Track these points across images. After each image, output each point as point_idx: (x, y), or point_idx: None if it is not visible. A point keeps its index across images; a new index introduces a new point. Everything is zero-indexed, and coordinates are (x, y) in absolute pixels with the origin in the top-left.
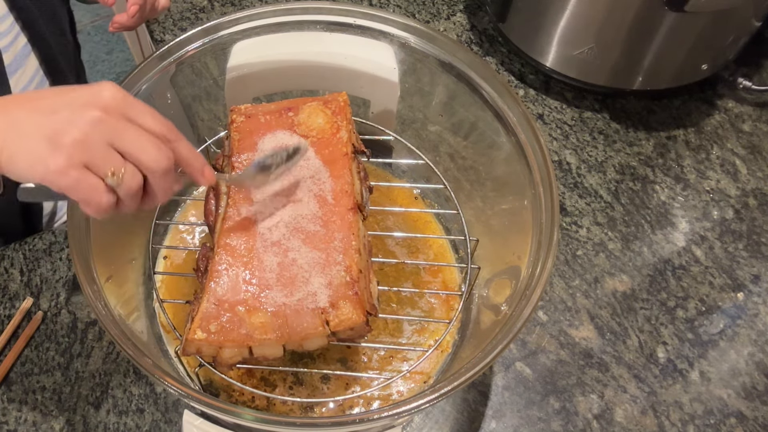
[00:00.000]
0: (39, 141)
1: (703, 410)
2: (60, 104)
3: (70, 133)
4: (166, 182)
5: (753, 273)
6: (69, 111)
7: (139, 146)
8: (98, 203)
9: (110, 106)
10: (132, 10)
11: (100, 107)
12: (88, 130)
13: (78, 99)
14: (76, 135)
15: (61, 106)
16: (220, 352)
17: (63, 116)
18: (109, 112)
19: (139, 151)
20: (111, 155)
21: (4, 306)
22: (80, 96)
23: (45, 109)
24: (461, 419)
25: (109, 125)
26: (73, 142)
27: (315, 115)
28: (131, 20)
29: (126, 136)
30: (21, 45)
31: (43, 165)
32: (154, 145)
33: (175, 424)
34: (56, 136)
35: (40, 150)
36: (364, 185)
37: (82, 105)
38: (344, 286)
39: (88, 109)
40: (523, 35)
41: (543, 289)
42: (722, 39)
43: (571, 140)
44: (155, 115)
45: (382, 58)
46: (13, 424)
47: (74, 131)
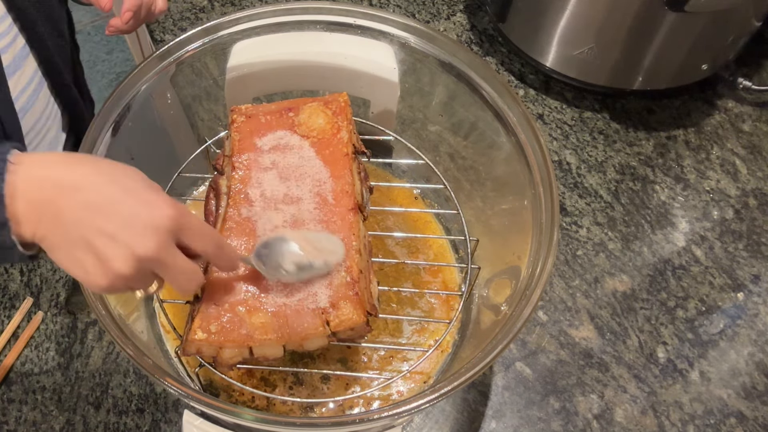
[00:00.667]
0: (89, 256)
1: (703, 410)
2: (116, 223)
3: (121, 266)
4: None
5: (753, 273)
6: (124, 237)
7: (175, 279)
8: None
9: (163, 237)
10: (126, 16)
11: (156, 240)
12: (137, 266)
13: (133, 220)
14: (125, 270)
15: (117, 228)
16: (220, 352)
17: (117, 243)
18: (162, 246)
19: (174, 282)
20: (149, 280)
21: (4, 306)
22: (136, 216)
23: (99, 211)
24: (461, 419)
25: (158, 260)
26: (121, 275)
27: (315, 115)
28: (126, 26)
29: (169, 270)
30: (20, 46)
31: (87, 280)
32: (188, 279)
33: (175, 424)
34: (107, 261)
35: (88, 266)
36: (364, 185)
37: (137, 233)
38: (344, 286)
39: (143, 238)
40: (523, 35)
41: (543, 289)
42: (722, 39)
43: (571, 140)
44: (203, 234)
45: (382, 58)
46: (13, 424)
47: (125, 266)
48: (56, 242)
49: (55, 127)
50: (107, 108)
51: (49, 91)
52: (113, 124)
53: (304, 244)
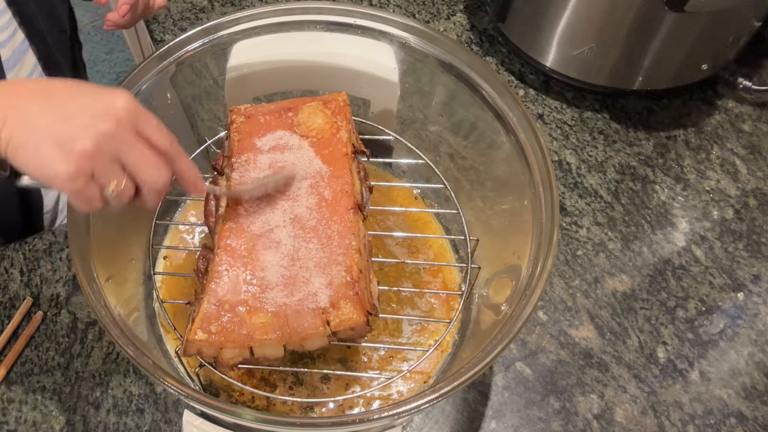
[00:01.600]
0: (50, 144)
1: (703, 410)
2: (75, 108)
3: (82, 143)
4: (157, 198)
5: (753, 273)
6: (83, 118)
7: (142, 164)
8: (91, 206)
9: (123, 118)
10: (122, 9)
11: (114, 119)
12: (99, 142)
13: (93, 105)
14: (87, 146)
15: (76, 111)
16: (220, 352)
17: (77, 123)
18: (121, 125)
19: (141, 169)
20: (115, 168)
21: (4, 306)
22: (95, 102)
23: (59, 109)
24: (461, 419)
25: (119, 140)
26: (83, 153)
27: (315, 115)
28: (122, 19)
29: (132, 152)
30: (19, 40)
31: (52, 169)
32: (155, 164)
33: (175, 424)
34: (68, 142)
35: (50, 153)
36: (364, 185)
37: (96, 114)
38: (345, 286)
39: (102, 119)
40: (523, 35)
41: (543, 289)
42: (722, 39)
43: (571, 140)
44: (162, 129)
45: (382, 58)
46: (13, 424)
47: (87, 142)
48: (21, 139)
49: None
50: None
51: None
52: None
53: None
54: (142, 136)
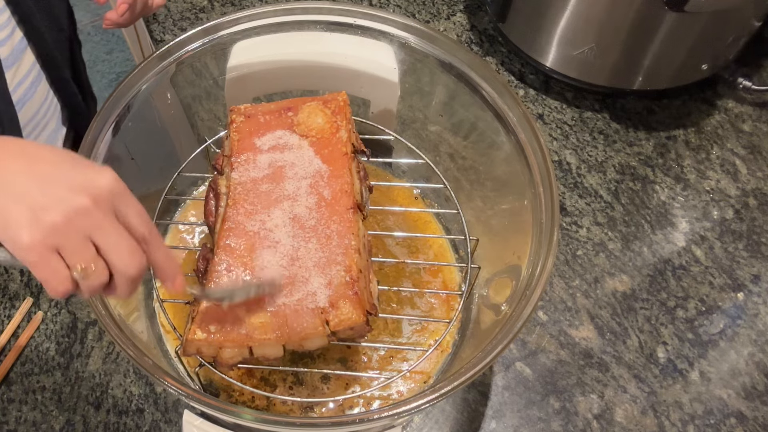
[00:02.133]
0: (21, 208)
1: (703, 410)
2: (55, 177)
3: (54, 214)
4: (132, 286)
5: (753, 273)
6: (61, 189)
7: (116, 248)
8: (55, 288)
9: (103, 196)
10: (121, 8)
11: (92, 196)
12: (71, 217)
13: (74, 178)
14: (58, 218)
15: (55, 180)
16: (220, 352)
17: (53, 192)
18: (99, 204)
19: (114, 253)
20: (86, 248)
21: (4, 306)
22: (77, 175)
23: (39, 174)
24: (461, 419)
25: (94, 219)
26: (53, 224)
27: (314, 114)
28: (121, 18)
29: (106, 233)
30: (18, 39)
31: (16, 234)
32: (130, 250)
33: (175, 424)
34: (40, 210)
35: (18, 218)
36: (363, 185)
37: (75, 187)
38: (344, 285)
39: (80, 194)
40: (523, 35)
41: (543, 289)
42: (722, 39)
43: (571, 140)
44: (143, 214)
45: (382, 58)
46: (13, 424)
47: (59, 213)
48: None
49: (55, 120)
50: (107, 108)
51: (48, 85)
52: (113, 124)
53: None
54: (121, 220)
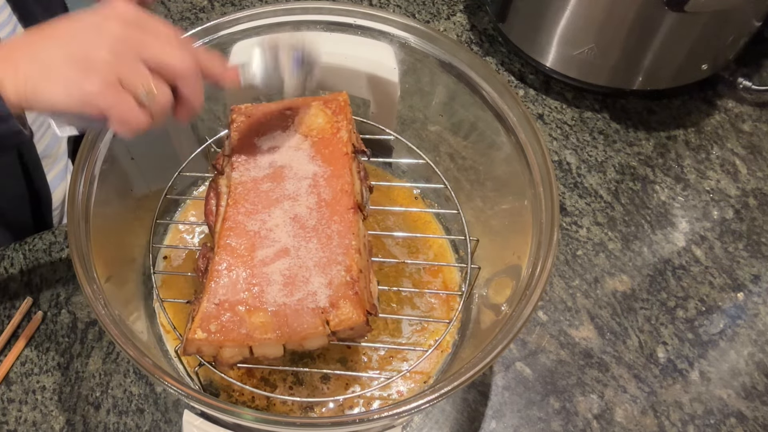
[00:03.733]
0: (68, 67)
1: (703, 410)
2: (77, 29)
3: (99, 53)
4: (197, 85)
5: (753, 273)
6: (90, 32)
7: (166, 52)
8: (135, 121)
9: (127, 19)
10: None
11: (119, 21)
12: (114, 47)
13: (94, 19)
14: (104, 54)
15: (80, 30)
16: (220, 351)
17: (86, 38)
18: (128, 24)
19: (166, 57)
20: (141, 69)
21: (4, 306)
22: (95, 15)
23: (63, 36)
24: (461, 419)
25: (133, 38)
26: (103, 62)
27: (315, 114)
28: None
29: (150, 44)
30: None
31: (80, 89)
32: (178, 48)
33: (175, 424)
34: (85, 58)
35: (72, 75)
36: (364, 185)
37: (100, 24)
38: (344, 285)
39: (107, 25)
40: (523, 35)
41: (543, 289)
42: (722, 39)
43: (571, 140)
44: (167, 23)
45: (382, 58)
46: (13, 424)
47: (102, 50)
48: (37, 77)
49: None
50: None
51: None
52: None
53: None
54: (152, 32)
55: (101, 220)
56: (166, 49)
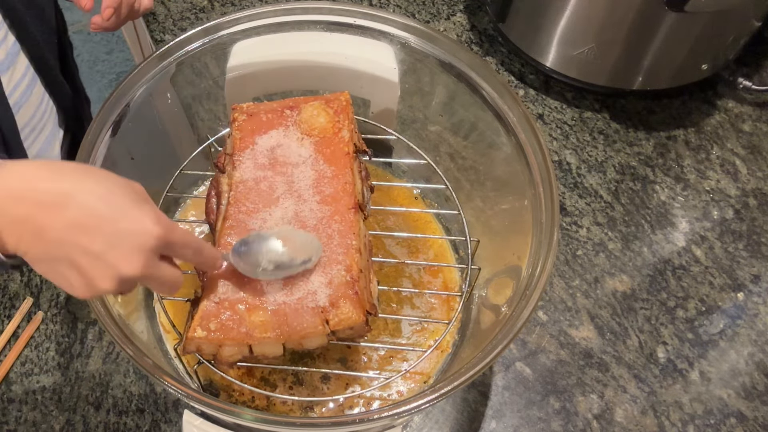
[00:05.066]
0: (70, 272)
1: (703, 410)
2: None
3: (105, 285)
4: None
5: (753, 273)
6: (109, 258)
7: (159, 288)
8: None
9: (150, 257)
10: (106, 13)
11: (142, 261)
12: (121, 285)
13: (121, 241)
14: (109, 288)
15: (102, 247)
16: (220, 350)
17: (102, 263)
18: (146, 265)
19: (157, 290)
20: (127, 290)
21: (4, 306)
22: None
23: (82, 240)
24: (461, 419)
25: (143, 277)
26: (103, 291)
27: (317, 114)
28: (107, 23)
29: (152, 283)
30: (11, 43)
31: (70, 290)
32: (171, 287)
33: (175, 424)
34: (92, 280)
35: (70, 279)
36: (365, 185)
37: (123, 255)
38: (344, 285)
39: (129, 261)
40: (523, 35)
41: (543, 289)
42: (722, 39)
43: (571, 140)
44: (186, 244)
45: (382, 58)
46: (13, 424)
47: (109, 284)
48: (38, 257)
49: (51, 123)
50: (107, 108)
51: (43, 88)
52: (113, 124)
53: (282, 241)
54: (167, 256)
55: None
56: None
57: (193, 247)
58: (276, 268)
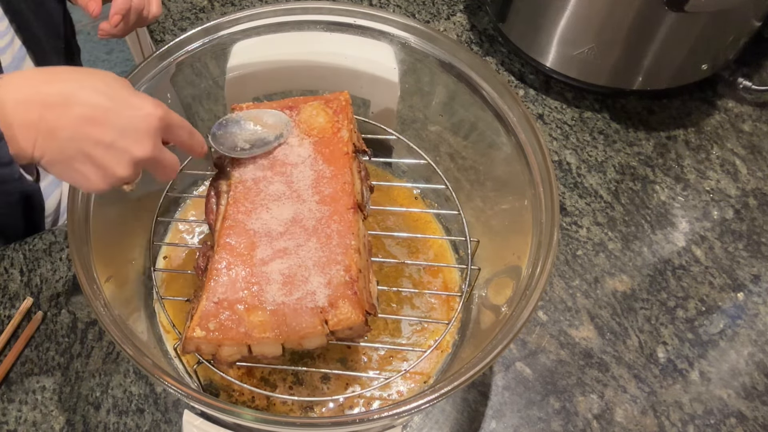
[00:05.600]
0: (86, 166)
1: (703, 410)
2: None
3: (121, 171)
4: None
5: (753, 273)
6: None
7: (163, 171)
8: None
9: (156, 138)
10: (114, 19)
11: (151, 143)
12: (136, 168)
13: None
14: (125, 173)
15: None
16: (219, 350)
17: (116, 150)
18: (155, 146)
19: (160, 174)
20: (137, 175)
21: (4, 306)
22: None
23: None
24: (461, 419)
25: (153, 159)
26: (120, 178)
27: (316, 114)
28: (114, 29)
29: (158, 165)
30: (17, 47)
31: (87, 186)
32: (173, 169)
33: (175, 424)
34: (108, 168)
35: (87, 173)
36: (365, 185)
37: (134, 139)
38: (343, 285)
39: (140, 144)
40: (523, 35)
41: (543, 289)
42: (722, 39)
43: (571, 140)
44: (183, 126)
45: (382, 58)
46: (13, 424)
47: (125, 170)
48: (54, 158)
49: None
50: None
51: None
52: None
53: (254, 122)
54: (167, 139)
55: (101, 220)
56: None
57: (188, 129)
58: (252, 146)
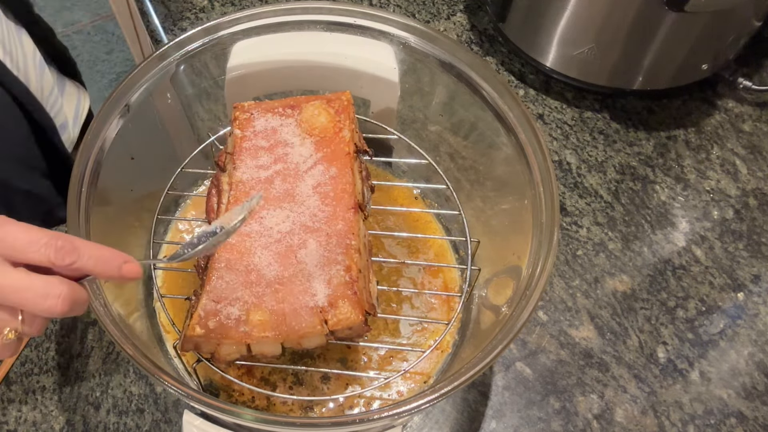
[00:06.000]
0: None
1: (703, 410)
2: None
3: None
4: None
5: (753, 273)
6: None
7: (24, 299)
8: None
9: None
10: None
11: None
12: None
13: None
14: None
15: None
16: (218, 348)
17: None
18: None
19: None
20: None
21: None
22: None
23: None
24: (461, 419)
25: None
26: None
27: (318, 113)
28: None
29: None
30: None
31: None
32: (42, 294)
33: (175, 424)
34: None
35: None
36: (366, 184)
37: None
38: (343, 285)
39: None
40: (523, 35)
41: (543, 289)
42: (722, 39)
43: (571, 140)
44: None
45: (382, 58)
46: (13, 424)
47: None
48: None
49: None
50: (107, 108)
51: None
52: (113, 124)
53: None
54: (13, 259)
55: (101, 219)
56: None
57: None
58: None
